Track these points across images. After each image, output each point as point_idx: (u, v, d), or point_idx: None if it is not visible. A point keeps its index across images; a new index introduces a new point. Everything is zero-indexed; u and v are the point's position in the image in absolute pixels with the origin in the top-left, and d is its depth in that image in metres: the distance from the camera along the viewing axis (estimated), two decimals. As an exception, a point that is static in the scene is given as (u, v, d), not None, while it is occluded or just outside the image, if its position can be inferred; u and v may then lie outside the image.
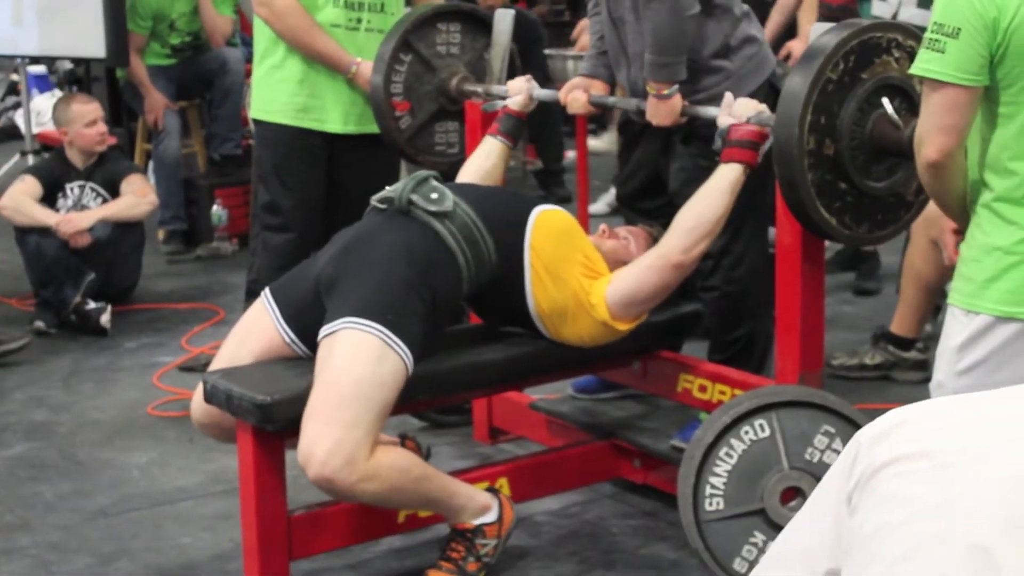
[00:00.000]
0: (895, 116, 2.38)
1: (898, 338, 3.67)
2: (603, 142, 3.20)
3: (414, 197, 2.54)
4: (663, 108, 2.75)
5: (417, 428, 3.33)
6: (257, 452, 2.43)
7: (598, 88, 3.01)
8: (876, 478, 1.03)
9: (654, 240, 2.78)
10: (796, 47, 4.26)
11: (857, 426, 2.47)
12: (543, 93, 3.04)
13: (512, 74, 3.18)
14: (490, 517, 2.52)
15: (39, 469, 3.27)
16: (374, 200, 2.60)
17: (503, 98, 3.08)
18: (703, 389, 2.81)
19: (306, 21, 3.37)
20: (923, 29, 2.17)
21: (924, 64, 1.97)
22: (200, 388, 2.54)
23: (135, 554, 2.77)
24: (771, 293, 2.65)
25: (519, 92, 3.02)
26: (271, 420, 2.38)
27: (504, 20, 3.12)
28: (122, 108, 6.19)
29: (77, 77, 6.51)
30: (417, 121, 3.31)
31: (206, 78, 5.68)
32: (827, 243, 2.65)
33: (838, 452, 2.47)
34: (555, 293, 2.58)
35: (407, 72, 3.26)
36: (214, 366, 2.57)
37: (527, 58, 5.70)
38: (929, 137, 1.99)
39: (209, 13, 5.54)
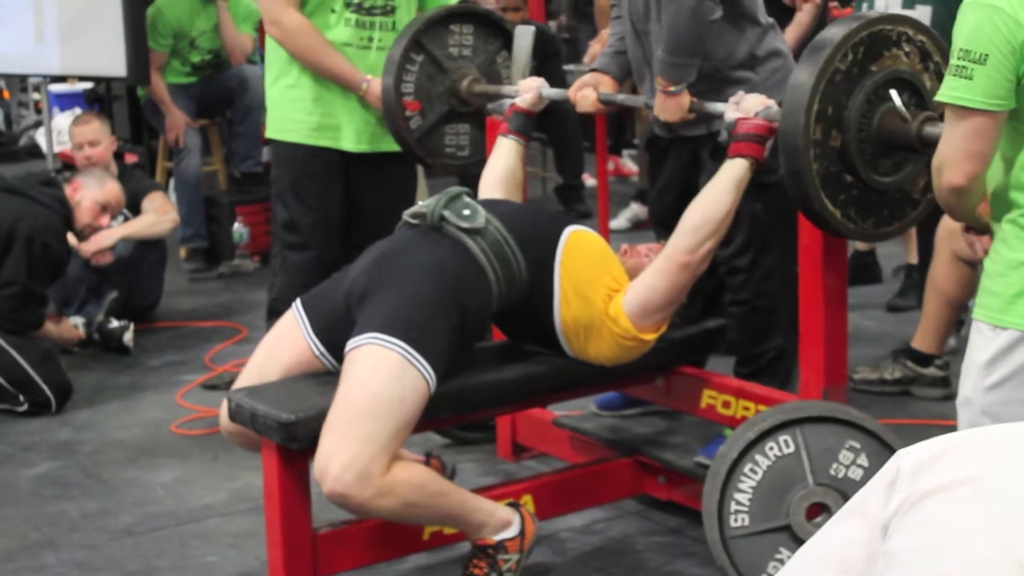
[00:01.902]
0: (903, 110, 2.34)
1: (918, 354, 3.66)
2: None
3: (446, 213, 2.54)
4: (671, 104, 2.75)
5: (441, 445, 3.34)
6: (282, 470, 2.44)
7: (607, 85, 2.99)
8: (918, 506, 1.02)
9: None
10: None
11: (882, 441, 2.46)
12: (552, 92, 3.02)
13: None
14: (511, 532, 2.52)
15: (64, 488, 3.29)
16: (406, 215, 2.61)
17: (512, 98, 3.07)
18: (727, 405, 2.81)
19: (316, 40, 3.36)
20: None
21: (952, 92, 1.96)
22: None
23: (161, 573, 2.78)
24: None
25: (528, 91, 3.02)
26: (295, 438, 2.38)
27: (524, 36, 3.11)
28: (143, 126, 6.26)
29: (98, 96, 6.56)
30: (427, 122, 3.28)
31: (226, 96, 5.72)
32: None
33: (863, 467, 2.47)
34: (580, 312, 2.58)
35: (418, 72, 3.24)
36: (242, 379, 2.58)
37: (546, 73, 5.72)
38: (955, 163, 1.98)
39: (230, 31, 5.57)
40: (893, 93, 2.34)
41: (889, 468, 1.06)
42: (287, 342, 2.58)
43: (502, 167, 2.96)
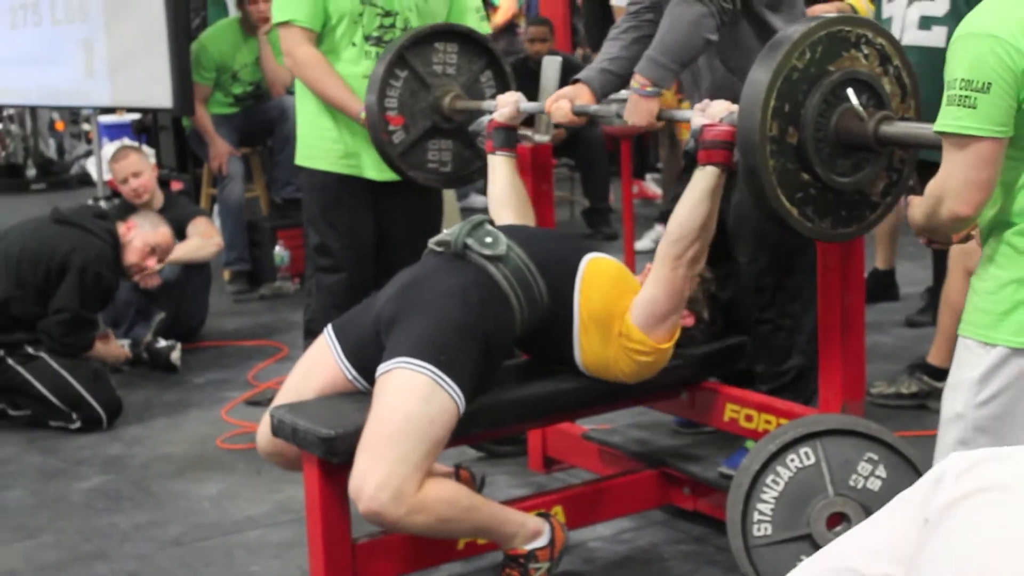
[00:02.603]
0: (860, 109, 2.31)
1: (933, 368, 3.70)
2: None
3: (469, 241, 2.60)
4: (642, 106, 2.75)
5: (474, 458, 3.40)
6: (322, 483, 2.51)
7: (586, 97, 2.96)
8: (954, 508, 1.05)
9: (700, 277, 2.83)
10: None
11: (899, 453, 2.51)
12: (530, 106, 3.04)
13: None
14: (542, 542, 2.58)
15: (115, 500, 3.38)
16: (431, 243, 2.67)
17: (490, 113, 3.09)
18: (749, 419, 2.85)
19: (322, 71, 3.43)
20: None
21: (956, 121, 1.95)
22: (265, 419, 2.63)
23: None
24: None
25: (506, 105, 3.05)
26: (335, 453, 2.45)
27: (551, 67, 3.13)
28: (188, 155, 6.41)
29: (145, 126, 6.74)
30: (410, 137, 3.30)
31: (267, 125, 5.84)
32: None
33: (882, 478, 2.51)
34: (598, 341, 2.62)
35: (402, 88, 3.26)
36: (279, 400, 2.65)
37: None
38: (960, 193, 1.97)
39: (270, 64, 5.71)
40: (850, 92, 2.31)
41: (937, 468, 1.10)
42: (320, 366, 2.66)
43: (502, 186, 3.00)
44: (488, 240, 2.62)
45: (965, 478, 1.07)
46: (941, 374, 3.68)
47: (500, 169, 3.02)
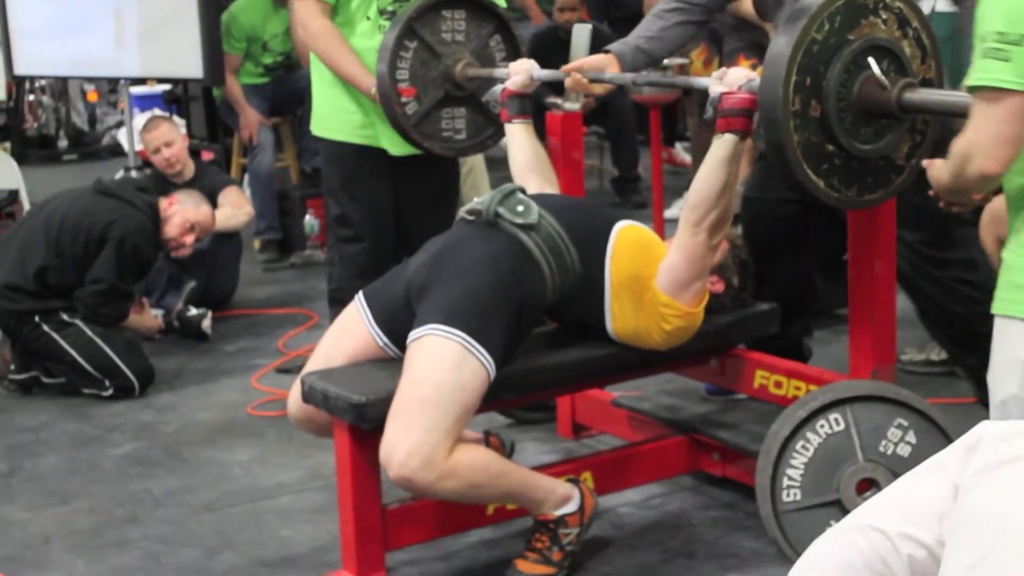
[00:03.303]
0: (882, 77, 2.30)
1: None
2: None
3: (501, 210, 2.61)
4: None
5: (503, 425, 3.42)
6: (353, 449, 2.53)
7: (614, 70, 2.97)
8: (996, 472, 1.06)
9: (731, 244, 2.84)
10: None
11: (929, 419, 2.51)
12: (543, 74, 3.03)
13: None
14: (571, 507, 2.60)
15: (147, 467, 3.42)
16: (462, 212, 2.68)
17: (503, 81, 3.09)
18: (779, 385, 2.87)
19: (333, 44, 3.41)
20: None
21: (989, 74, 1.89)
22: (296, 386, 2.66)
23: (239, 546, 2.88)
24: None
25: (519, 73, 3.04)
26: (365, 419, 2.47)
27: (582, 35, 3.13)
28: (219, 125, 6.43)
29: (176, 97, 6.76)
30: (423, 107, 3.28)
31: (297, 95, 5.84)
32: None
33: (912, 444, 2.51)
34: (630, 309, 2.63)
35: (412, 59, 3.25)
36: (310, 366, 2.67)
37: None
38: (989, 150, 1.92)
39: (300, 34, 5.72)
40: (871, 61, 2.29)
41: (971, 435, 1.10)
42: (351, 334, 2.67)
43: (523, 154, 2.99)
44: (520, 209, 2.63)
45: (1001, 447, 1.07)
46: None
47: (519, 137, 3.02)
